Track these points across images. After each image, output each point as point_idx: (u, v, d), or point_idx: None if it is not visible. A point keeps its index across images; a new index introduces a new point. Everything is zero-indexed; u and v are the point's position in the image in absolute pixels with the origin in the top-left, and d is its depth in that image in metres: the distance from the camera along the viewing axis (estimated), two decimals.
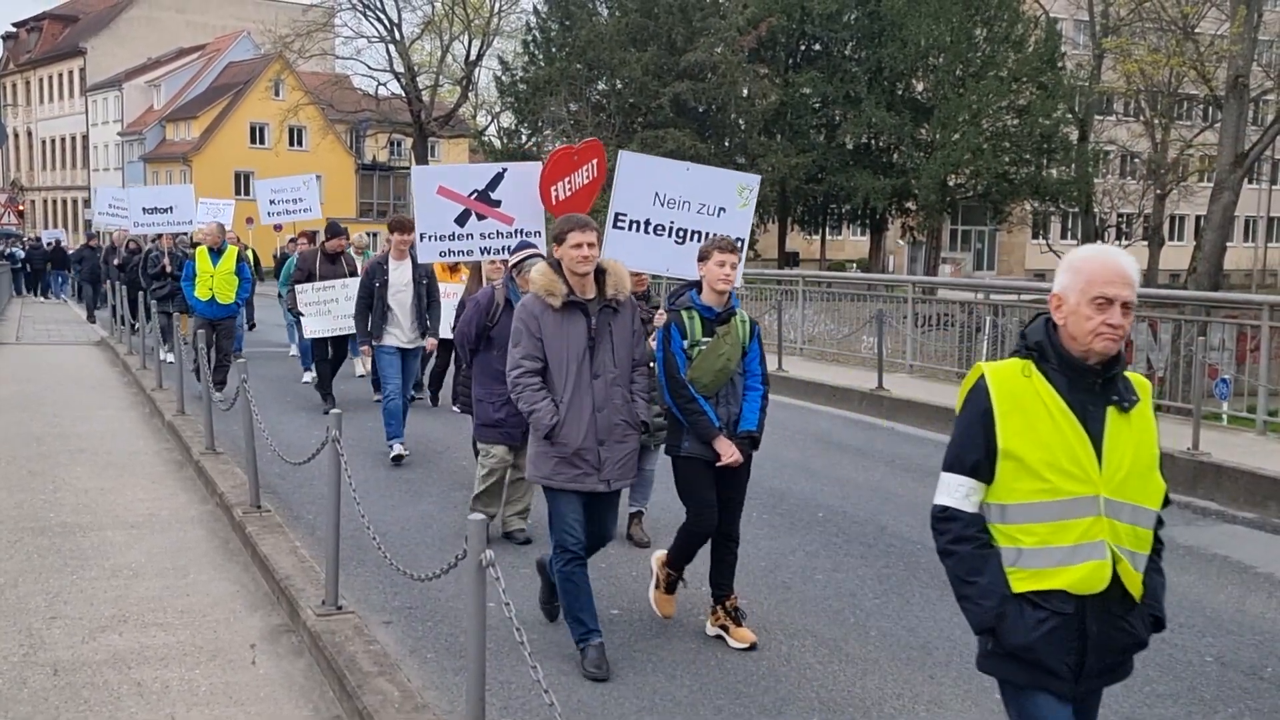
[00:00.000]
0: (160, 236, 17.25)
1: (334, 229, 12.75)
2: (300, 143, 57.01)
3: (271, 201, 18.47)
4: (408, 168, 56.51)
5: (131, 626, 5.90)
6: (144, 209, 17.33)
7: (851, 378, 14.27)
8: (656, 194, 7.05)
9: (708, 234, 6.91)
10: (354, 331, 11.33)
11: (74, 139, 72.06)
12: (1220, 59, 28.67)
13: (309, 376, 13.90)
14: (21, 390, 14.40)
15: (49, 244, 38.71)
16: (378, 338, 9.67)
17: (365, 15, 41.29)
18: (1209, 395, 11.30)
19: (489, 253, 8.27)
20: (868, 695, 4.98)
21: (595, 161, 8.39)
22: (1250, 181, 37.19)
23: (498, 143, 41.60)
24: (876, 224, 43.32)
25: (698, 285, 5.52)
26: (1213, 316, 13.14)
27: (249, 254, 17.47)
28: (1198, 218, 43.22)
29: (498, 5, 41.43)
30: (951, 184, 38.97)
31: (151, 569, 6.90)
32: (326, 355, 12.51)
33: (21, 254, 37.97)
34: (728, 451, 5.30)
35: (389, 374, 9.58)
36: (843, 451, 10.73)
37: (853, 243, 53.47)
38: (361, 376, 13.75)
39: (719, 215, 7.12)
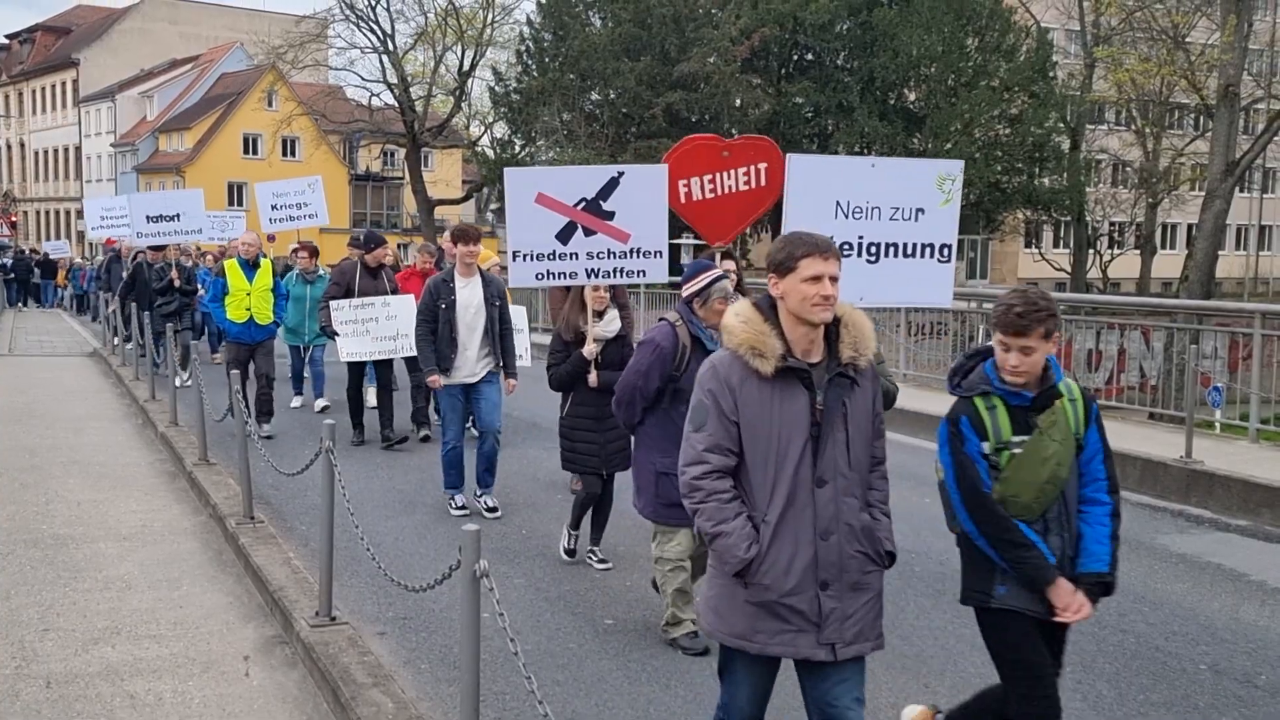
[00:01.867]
0: (165, 247, 15.93)
1: (374, 239, 11.24)
2: (293, 153, 56.96)
3: (274, 207, 16.57)
4: (401, 178, 56.66)
5: (124, 639, 5.88)
6: (148, 217, 15.53)
7: None
8: (838, 204, 5.68)
9: (909, 245, 5.71)
10: (394, 355, 10.57)
11: (67, 150, 72.05)
12: (1211, 68, 28.81)
13: (298, 401, 13.22)
14: (14, 402, 14.36)
15: (45, 254, 39.02)
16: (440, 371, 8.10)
17: (358, 26, 41.22)
18: (1202, 403, 11.32)
19: (596, 276, 6.84)
20: None
21: (764, 167, 6.81)
22: (1241, 190, 37.33)
23: (491, 153, 41.63)
24: None
25: (988, 353, 3.80)
26: (1205, 325, 13.19)
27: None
28: (1189, 226, 43.35)
29: (491, 16, 41.44)
30: None
31: (144, 581, 6.89)
32: (361, 383, 11.10)
33: (9, 264, 38.26)
34: (1067, 602, 3.67)
35: (450, 417, 8.09)
36: None
37: None
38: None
39: (917, 219, 5.76)
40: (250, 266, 11.21)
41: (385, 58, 41.25)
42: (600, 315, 6.78)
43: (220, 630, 6.06)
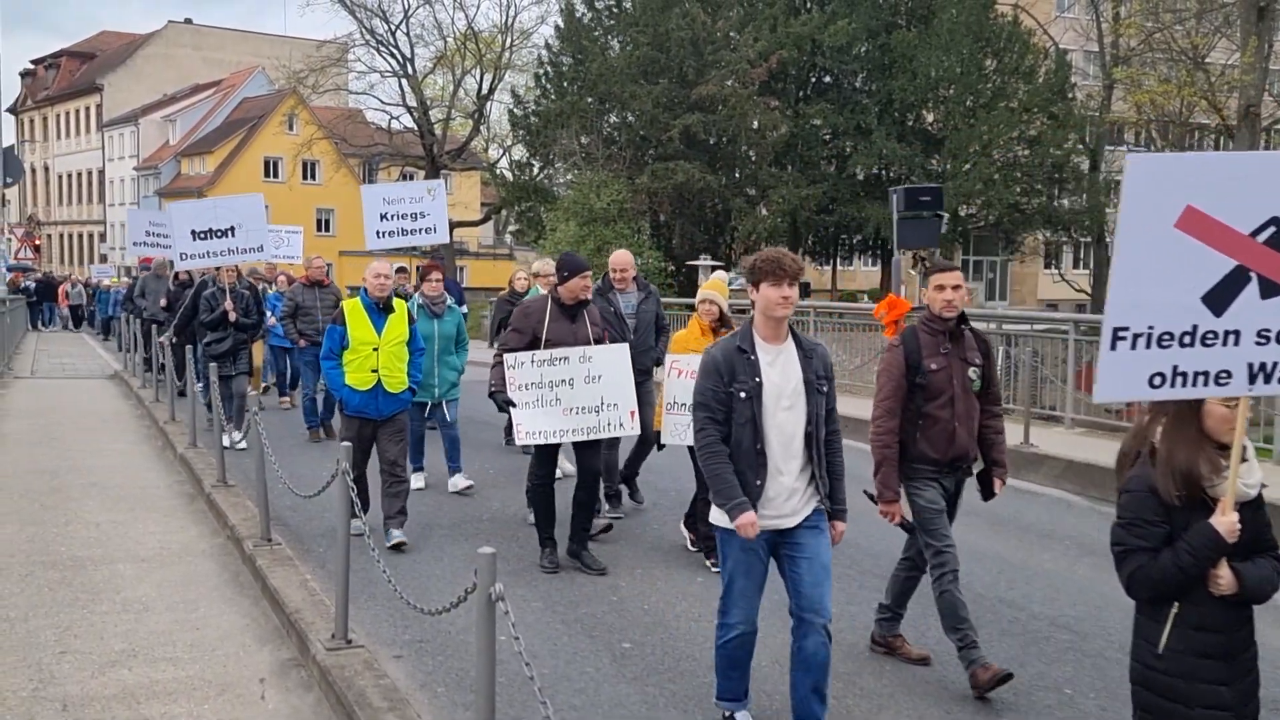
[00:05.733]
0: (219, 270, 12.29)
1: (573, 264, 7.38)
2: (313, 176, 57.40)
3: (383, 216, 12.81)
4: None
5: (141, 661, 5.87)
6: (193, 232, 11.87)
7: (863, 408, 14.08)
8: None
9: None
10: (595, 436, 7.26)
11: (90, 174, 72.85)
12: (1231, 89, 28.71)
13: (420, 481, 9.77)
14: (35, 424, 14.43)
15: (96, 282, 39.90)
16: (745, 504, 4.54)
17: (378, 51, 41.59)
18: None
19: (1269, 378, 3.54)
20: None
21: None
22: None
23: (509, 175, 41.85)
24: (888, 254, 43.32)
25: None
26: None
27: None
28: None
29: (509, 40, 41.74)
30: (963, 214, 38.97)
31: (162, 603, 6.88)
32: (554, 472, 7.50)
33: (32, 286, 39.07)
34: None
35: (744, 587, 4.68)
36: (854, 482, 10.62)
37: (864, 273, 53.48)
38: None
39: None
40: (380, 310, 7.86)
41: (405, 81, 41.58)
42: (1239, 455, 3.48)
43: (237, 653, 6.04)
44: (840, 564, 7.43)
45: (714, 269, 31.07)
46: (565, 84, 39.40)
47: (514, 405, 7.15)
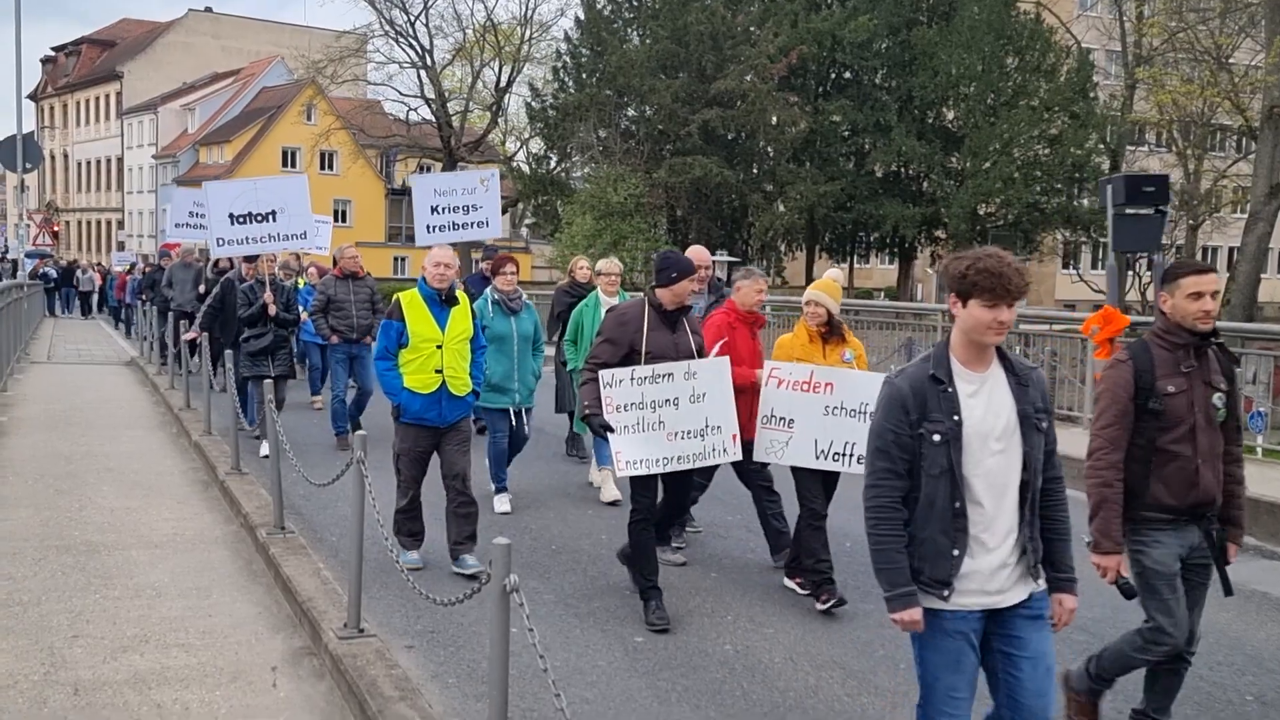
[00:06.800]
0: (258, 259, 11.35)
1: (680, 264, 6.26)
2: (331, 167, 57.47)
3: (434, 209, 11.93)
4: None
5: (153, 647, 5.87)
6: (231, 215, 11.03)
7: None
8: None
9: None
10: (702, 464, 6.29)
11: (109, 161, 73.17)
12: (1255, 89, 28.47)
13: (505, 503, 8.63)
14: (51, 409, 14.48)
15: (119, 268, 40.11)
16: (936, 588, 3.55)
17: (397, 42, 41.62)
18: (1244, 428, 11.10)
19: None
20: None
21: None
22: None
23: (526, 169, 41.84)
24: (905, 252, 43.23)
25: None
26: (1247, 348, 12.94)
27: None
28: (1231, 249, 42.90)
29: (529, 32, 41.72)
30: (982, 213, 38.85)
31: (174, 589, 6.88)
32: (654, 502, 6.28)
33: (54, 274, 39.12)
34: None
35: (950, 684, 3.58)
36: None
37: (881, 271, 53.36)
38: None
39: None
40: (441, 303, 6.97)
41: (423, 73, 41.60)
42: None
43: (249, 640, 6.03)
44: (855, 562, 7.35)
45: (730, 264, 30.98)
46: (584, 76, 39.40)
47: (612, 430, 6.01)
